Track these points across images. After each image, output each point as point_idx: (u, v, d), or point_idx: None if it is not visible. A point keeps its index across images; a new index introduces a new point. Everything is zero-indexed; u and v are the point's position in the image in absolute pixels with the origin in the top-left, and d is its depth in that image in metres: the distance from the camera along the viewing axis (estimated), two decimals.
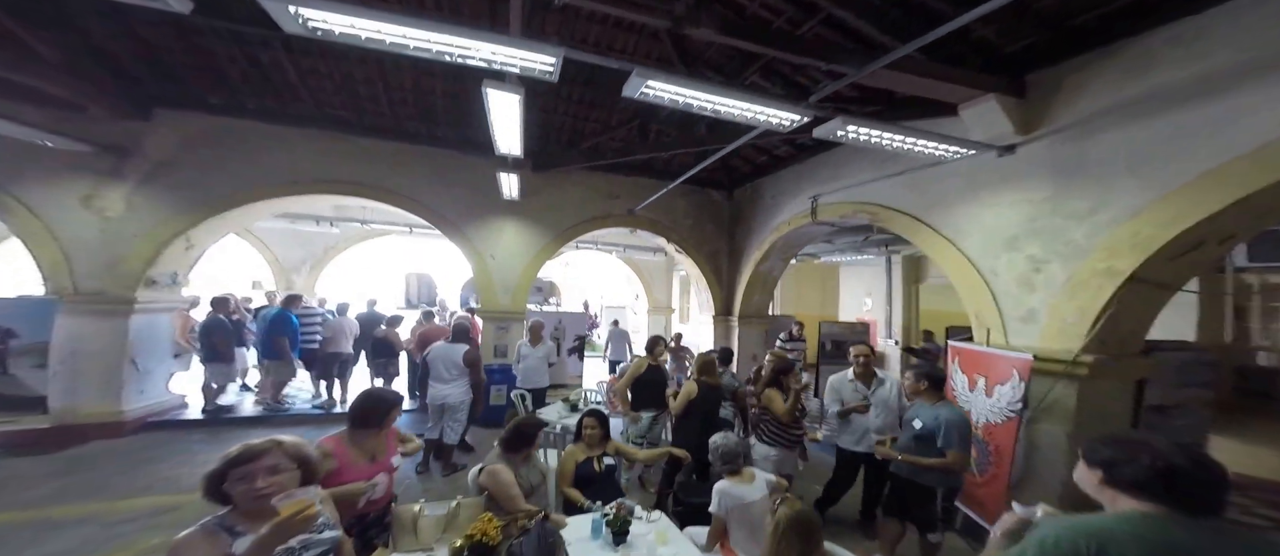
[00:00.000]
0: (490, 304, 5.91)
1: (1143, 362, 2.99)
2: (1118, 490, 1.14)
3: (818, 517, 1.66)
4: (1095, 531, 1.07)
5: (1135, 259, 2.54)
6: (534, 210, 5.99)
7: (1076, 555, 1.05)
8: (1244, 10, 2.19)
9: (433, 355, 3.98)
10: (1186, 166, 2.36)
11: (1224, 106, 2.25)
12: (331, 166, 5.28)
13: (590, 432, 2.59)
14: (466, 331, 4.17)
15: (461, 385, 3.95)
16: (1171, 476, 1.07)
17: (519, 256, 6.01)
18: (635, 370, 3.67)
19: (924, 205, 3.88)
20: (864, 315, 8.97)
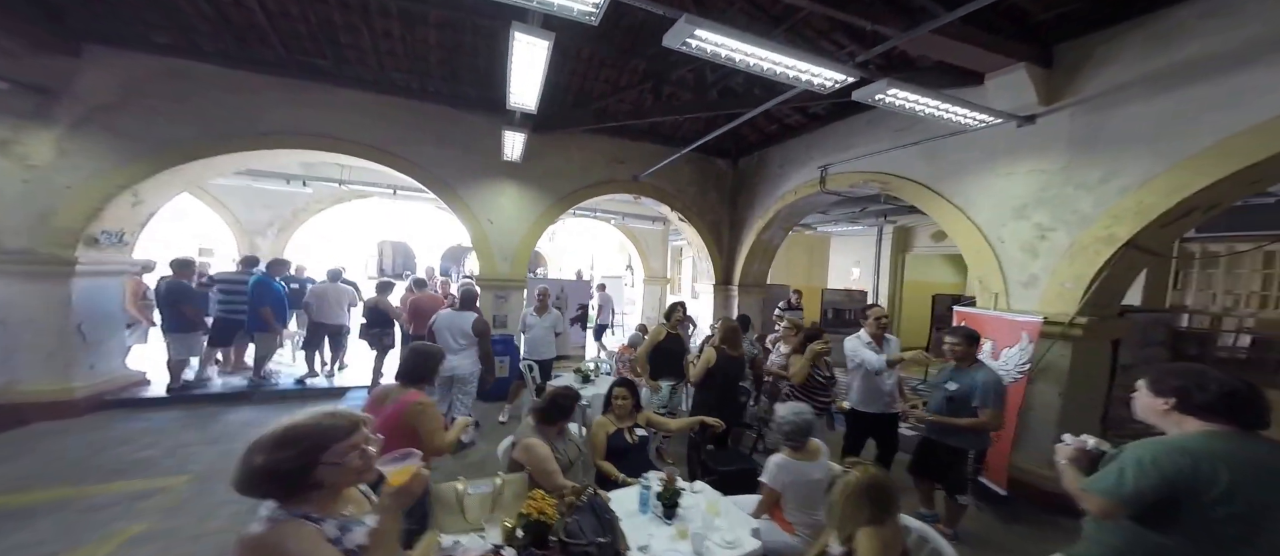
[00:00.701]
0: (489, 271, 5.70)
1: (1120, 324, 3.28)
2: (1187, 414, 1.33)
3: (893, 483, 1.49)
4: (1187, 449, 1.26)
5: (1135, 225, 2.74)
6: (536, 173, 5.81)
7: (1177, 470, 1.24)
8: None
9: (439, 324, 3.74)
10: (1198, 138, 2.52)
11: (1244, 79, 2.38)
12: (306, 119, 4.80)
13: (621, 403, 2.53)
14: (475, 298, 3.98)
15: (471, 356, 3.75)
16: (1234, 399, 1.27)
17: (519, 222, 5.85)
18: (654, 338, 3.69)
19: (937, 175, 4.00)
20: (851, 284, 9.31)
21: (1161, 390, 1.38)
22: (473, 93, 5.33)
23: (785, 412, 2.15)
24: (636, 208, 9.54)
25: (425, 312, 5.26)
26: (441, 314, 3.85)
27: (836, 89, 2.65)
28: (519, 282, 5.91)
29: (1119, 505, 1.31)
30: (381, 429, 1.58)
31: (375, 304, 5.49)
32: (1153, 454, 1.29)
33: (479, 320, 3.75)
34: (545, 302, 4.84)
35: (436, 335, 3.73)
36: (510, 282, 5.84)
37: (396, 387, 2.09)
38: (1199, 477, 1.23)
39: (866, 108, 4.74)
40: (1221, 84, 2.46)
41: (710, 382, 3.05)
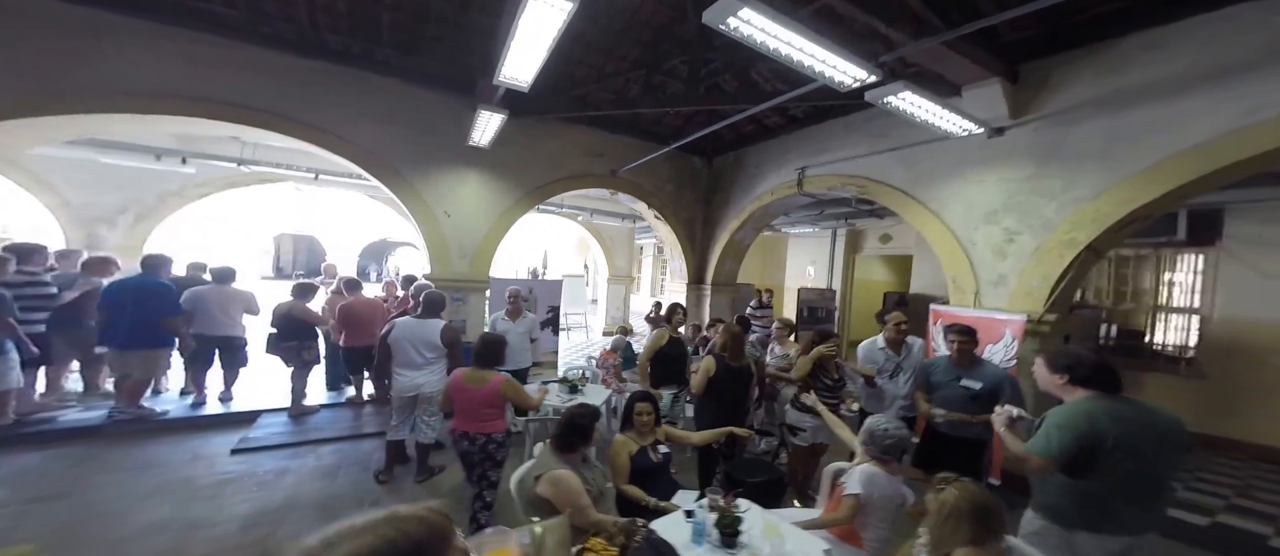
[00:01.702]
0: (443, 270, 5.08)
1: (1074, 319, 3.71)
2: (1076, 385, 1.81)
3: (999, 503, 1.38)
4: (1084, 412, 1.73)
5: (1093, 231, 3.08)
6: (503, 163, 5.36)
7: (1084, 429, 1.68)
8: (1206, 25, 2.67)
9: (398, 335, 3.19)
10: (1146, 154, 2.88)
11: (1181, 106, 2.76)
12: (197, 79, 3.83)
13: (644, 419, 2.31)
14: (441, 304, 3.38)
15: (439, 370, 3.24)
16: (1103, 372, 1.79)
17: (482, 215, 5.35)
18: (655, 342, 3.48)
19: (912, 180, 4.26)
20: (807, 282, 9.82)
21: (1057, 368, 1.86)
22: (433, 67, 4.80)
23: (884, 424, 2.01)
24: (606, 204, 9.32)
25: (362, 319, 4.68)
26: (400, 322, 3.30)
27: (852, 88, 2.69)
28: (480, 283, 5.44)
29: (1051, 462, 1.70)
30: (479, 405, 2.56)
31: (290, 311, 4.47)
32: (1064, 419, 1.73)
33: (448, 329, 3.29)
34: (519, 305, 4.39)
35: (394, 348, 3.19)
36: (470, 283, 5.33)
37: (475, 372, 2.62)
38: (1097, 432, 1.67)
39: (844, 112, 5.01)
40: (1162, 109, 2.83)
41: (712, 393, 2.89)
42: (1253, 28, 2.52)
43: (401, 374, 3.21)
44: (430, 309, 3.32)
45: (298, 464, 3.66)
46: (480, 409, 2.57)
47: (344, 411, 4.85)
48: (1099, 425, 1.68)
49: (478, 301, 5.50)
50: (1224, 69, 2.61)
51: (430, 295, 3.36)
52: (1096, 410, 1.72)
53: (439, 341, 3.23)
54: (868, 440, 2.02)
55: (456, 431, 2.60)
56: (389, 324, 3.35)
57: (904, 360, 3.11)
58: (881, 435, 1.99)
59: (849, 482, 1.96)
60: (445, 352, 3.27)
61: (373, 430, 4.35)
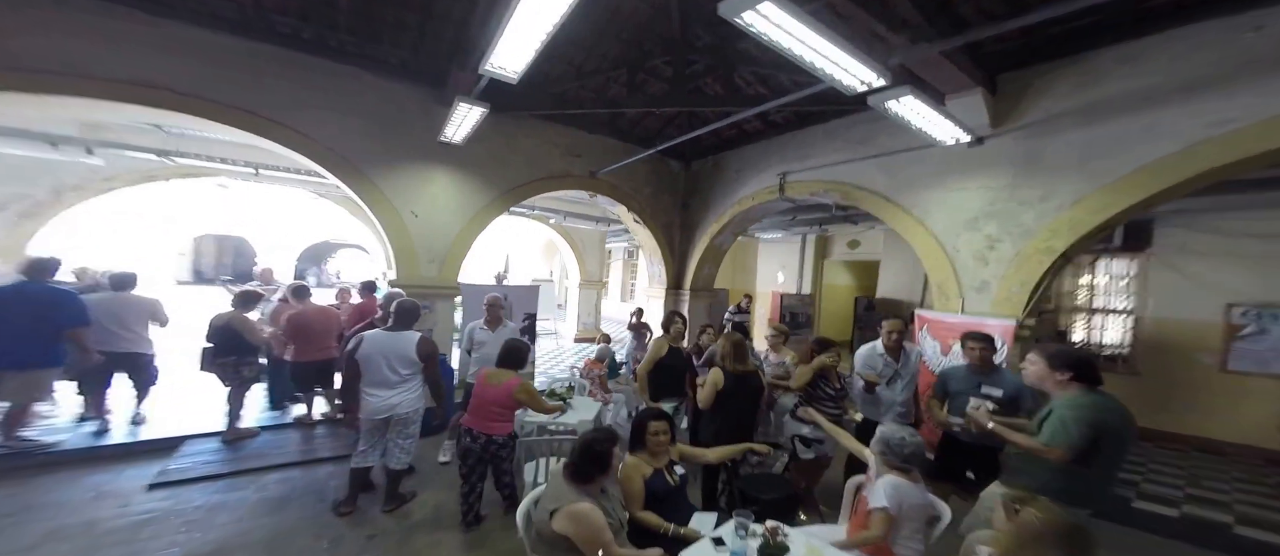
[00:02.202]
0: (409, 275, 4.64)
1: (1043, 321, 3.84)
2: (1075, 381, 2.01)
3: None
4: (1091, 405, 1.95)
5: (1070, 239, 3.18)
6: (476, 160, 4.98)
7: (1095, 420, 1.89)
8: (1176, 40, 2.81)
9: (369, 349, 2.79)
10: (1120, 164, 2.99)
11: (1153, 118, 2.88)
12: (112, 58, 3.27)
13: (659, 438, 2.11)
14: (416, 314, 2.98)
15: (414, 388, 2.90)
16: (1091, 367, 2.03)
17: (453, 216, 4.92)
18: (655, 353, 3.25)
19: (895, 186, 4.30)
20: (778, 287, 9.96)
21: (1059, 365, 2.04)
22: (398, 56, 4.36)
23: (899, 433, 1.92)
24: (579, 206, 8.99)
25: (315, 331, 4.20)
26: (370, 335, 2.89)
27: (857, 92, 2.60)
28: (450, 290, 4.99)
29: (1070, 450, 1.89)
30: (491, 403, 2.69)
31: (229, 322, 3.88)
32: (1077, 413, 1.92)
33: (425, 341, 2.92)
34: (498, 314, 4.03)
35: (364, 365, 2.81)
36: (439, 289, 4.87)
37: (499, 372, 2.81)
38: (1103, 423, 1.90)
39: (825, 118, 5.03)
40: (1135, 121, 2.96)
41: (719, 405, 2.70)
42: (1218, 45, 2.67)
43: (372, 394, 2.81)
44: (403, 319, 2.91)
45: (236, 497, 3.13)
46: (491, 407, 2.69)
47: (291, 434, 4.25)
48: (1103, 416, 1.92)
49: (446, 310, 5.02)
50: (1192, 83, 2.75)
51: (403, 304, 2.94)
52: (1098, 403, 1.96)
53: (414, 355, 2.85)
54: (886, 450, 1.92)
55: (463, 426, 2.77)
56: (356, 338, 2.90)
57: (902, 367, 3.06)
58: (899, 444, 1.90)
59: (874, 496, 1.84)
60: (421, 368, 2.89)
61: (329, 454, 3.84)
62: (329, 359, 4.35)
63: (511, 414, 2.80)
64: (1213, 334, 5.21)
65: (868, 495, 1.91)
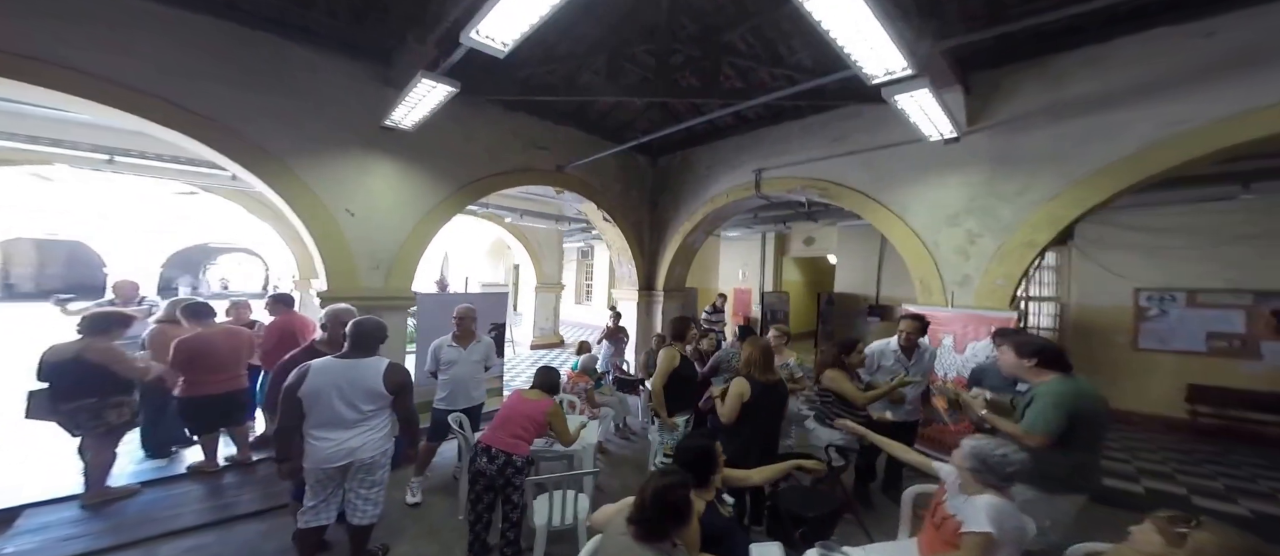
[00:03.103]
0: (345, 285, 3.86)
1: None
2: (1044, 368, 2.11)
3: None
4: (1069, 391, 2.02)
5: (1050, 233, 3.32)
6: (428, 151, 4.33)
7: (1070, 405, 1.96)
8: (1133, 45, 2.99)
9: (316, 384, 2.16)
10: (1090, 161, 3.15)
11: (1116, 117, 3.05)
12: None
13: None
14: (380, 335, 2.34)
15: (380, 425, 2.30)
16: (1060, 355, 2.13)
17: (400, 215, 4.22)
18: (668, 364, 2.91)
19: (875, 183, 4.32)
20: (739, 284, 10.05)
21: (1025, 353, 2.16)
22: (327, 25, 3.64)
23: (998, 449, 1.68)
24: (536, 203, 8.40)
25: (219, 357, 3.40)
26: (318, 366, 2.20)
27: (878, 81, 2.45)
28: (402, 301, 4.31)
29: (1048, 436, 1.97)
30: (525, 416, 2.53)
31: (82, 355, 2.92)
32: (1056, 399, 1.99)
33: (396, 370, 2.31)
34: (470, 327, 3.44)
35: (310, 403, 2.15)
36: (388, 301, 4.15)
37: (535, 390, 2.66)
38: (1080, 408, 1.98)
39: (800, 114, 4.98)
40: (1101, 119, 3.12)
41: (745, 420, 2.45)
42: (1173, 50, 2.86)
43: (322, 438, 2.17)
44: (364, 344, 2.28)
45: None
46: (520, 421, 2.49)
47: (188, 488, 3.39)
48: (1078, 401, 1.99)
49: (397, 324, 4.29)
50: (1149, 85, 2.94)
51: (363, 325, 2.30)
52: (1073, 389, 2.03)
53: (382, 387, 2.24)
54: (980, 467, 1.69)
55: (480, 443, 2.47)
56: (300, 369, 2.21)
57: (914, 365, 3.00)
58: (1001, 463, 1.66)
59: (970, 517, 1.63)
60: (390, 401, 2.30)
61: (252, 508, 3.08)
62: (235, 390, 3.57)
63: (534, 437, 2.56)
64: (1125, 317, 5.88)
65: (951, 511, 1.72)
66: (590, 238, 11.59)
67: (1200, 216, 5.44)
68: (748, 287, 9.74)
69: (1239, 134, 2.64)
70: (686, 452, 1.81)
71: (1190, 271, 5.60)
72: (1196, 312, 5.65)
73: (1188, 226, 5.53)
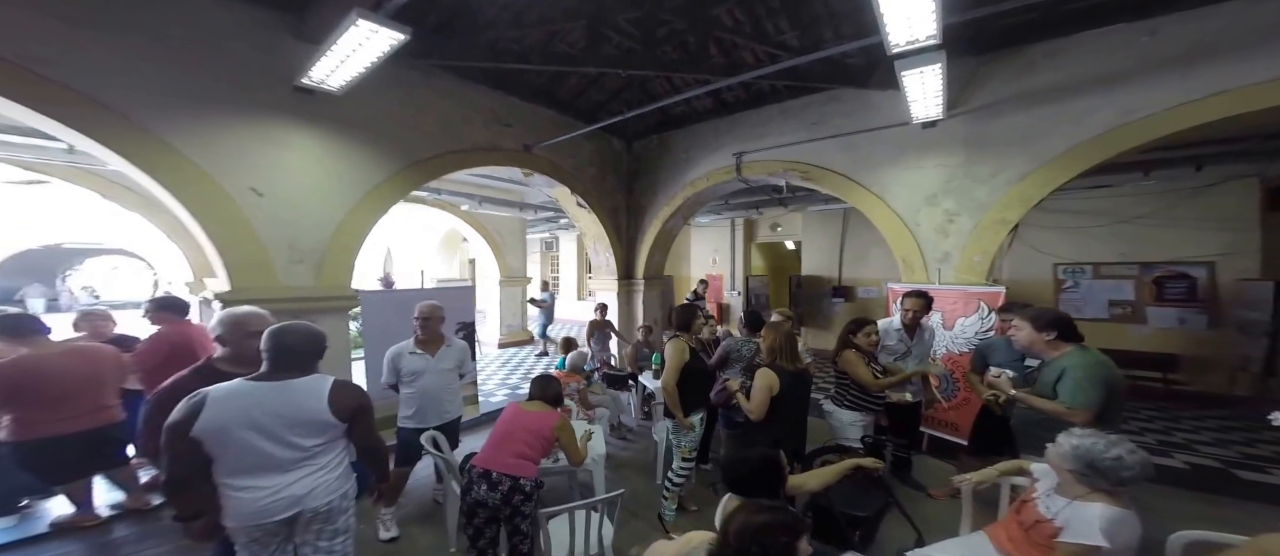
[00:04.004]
0: (260, 283, 3.17)
1: None
2: (1061, 341, 2.09)
3: None
4: (1095, 362, 2.01)
5: (1021, 211, 3.57)
6: (362, 121, 3.66)
7: (1104, 376, 1.95)
8: (1091, 39, 3.26)
9: (216, 419, 1.55)
10: (1057, 144, 3.41)
11: (1079, 105, 3.32)
12: None
13: None
14: (318, 347, 1.75)
15: (333, 463, 1.71)
16: (1073, 327, 2.10)
17: (329, 197, 3.50)
18: (679, 358, 2.62)
19: (855, 166, 4.44)
20: (711, 270, 10.14)
21: (1043, 326, 2.13)
22: None
23: (1110, 448, 1.48)
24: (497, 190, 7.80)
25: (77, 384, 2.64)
26: (220, 392, 1.59)
27: (900, 49, 2.42)
28: (340, 301, 3.61)
29: (1093, 411, 1.92)
30: (528, 431, 2.19)
31: None
32: (1089, 373, 1.97)
33: (345, 390, 1.73)
34: (437, 330, 2.91)
35: (215, 443, 1.55)
36: (321, 302, 3.45)
37: (536, 403, 2.33)
38: (1112, 379, 1.97)
39: (778, 98, 4.99)
40: (1065, 107, 3.39)
41: (774, 414, 2.32)
42: (1125, 45, 3.15)
43: (249, 487, 1.58)
44: (291, 358, 1.66)
45: None
46: (523, 437, 2.14)
47: (59, 550, 2.68)
48: (1108, 372, 1.97)
49: (337, 329, 3.62)
50: (1105, 76, 3.22)
51: (287, 335, 1.67)
52: (1097, 359, 2.01)
53: (328, 415, 1.64)
54: (1087, 471, 1.48)
55: (474, 467, 2.10)
56: (190, 400, 1.57)
57: (916, 344, 3.07)
58: (1114, 466, 1.45)
59: (1076, 526, 1.45)
60: (342, 431, 1.72)
61: None
62: (101, 427, 2.80)
63: (541, 456, 2.19)
64: (1048, 290, 6.65)
65: (1046, 513, 1.55)
66: (556, 228, 11.09)
67: (1105, 199, 6.25)
68: (719, 274, 9.84)
69: (1186, 120, 2.96)
70: (744, 466, 1.56)
71: (1096, 247, 6.45)
72: (1101, 283, 6.53)
73: (1095, 208, 6.34)
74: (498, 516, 2.03)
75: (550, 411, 2.30)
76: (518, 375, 7.08)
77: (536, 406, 2.31)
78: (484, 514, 2.03)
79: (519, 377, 6.93)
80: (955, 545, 1.87)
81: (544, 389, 2.37)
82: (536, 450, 2.15)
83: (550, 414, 2.27)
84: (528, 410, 2.28)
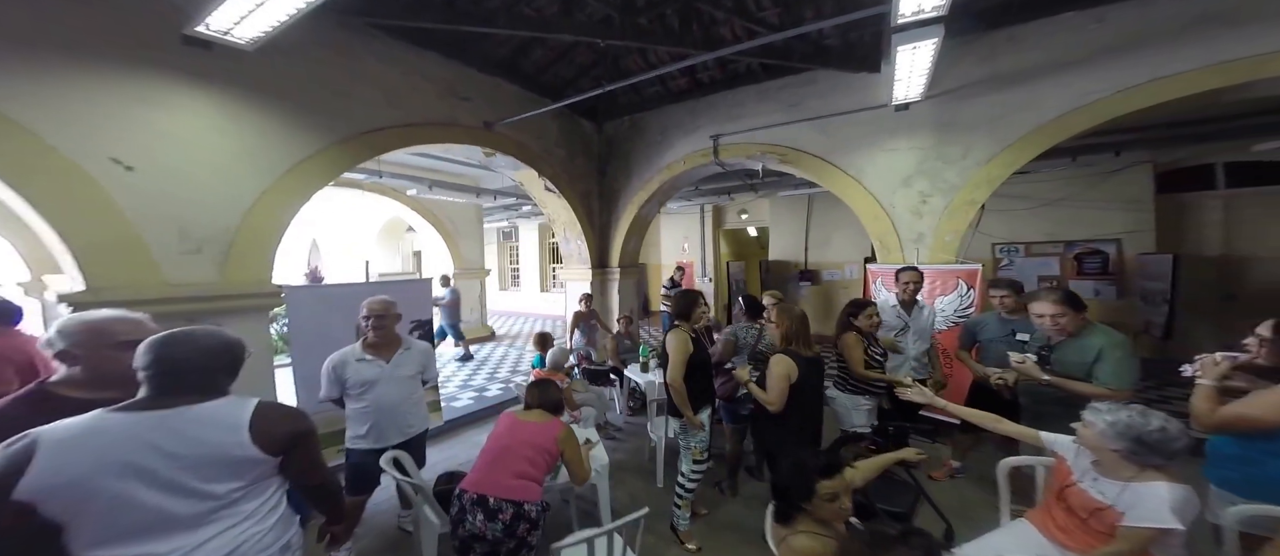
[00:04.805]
0: (134, 279, 2.56)
1: None
2: (1081, 316, 2.14)
3: None
4: (1119, 335, 2.08)
5: (988, 191, 3.75)
6: (281, 83, 3.07)
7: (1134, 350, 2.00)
8: (1048, 26, 3.44)
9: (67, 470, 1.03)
10: (1020, 126, 3.59)
11: (1038, 89, 3.51)
12: None
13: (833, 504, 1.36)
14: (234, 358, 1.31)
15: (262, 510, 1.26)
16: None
17: (238, 172, 2.91)
18: (683, 350, 2.33)
19: (831, 148, 4.47)
20: (682, 257, 10.09)
21: (1077, 307, 2.13)
22: None
23: (1153, 422, 1.42)
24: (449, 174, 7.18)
25: None
26: (69, 431, 1.08)
27: (906, 21, 2.36)
28: (259, 300, 3.03)
29: (1133, 390, 1.95)
30: (530, 445, 1.93)
31: None
32: (1125, 349, 2.02)
33: (270, 415, 1.26)
34: (390, 330, 2.47)
35: (68, 503, 1.04)
36: (230, 301, 2.88)
37: (536, 412, 2.09)
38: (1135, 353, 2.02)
39: (755, 79, 4.91)
40: (1026, 91, 3.57)
41: (793, 405, 2.19)
42: (1077, 32, 3.36)
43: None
44: (192, 376, 1.22)
45: None
46: (525, 453, 1.89)
47: None
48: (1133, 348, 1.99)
49: (255, 333, 2.96)
50: (1061, 63, 3.42)
51: (187, 342, 1.23)
52: (1123, 335, 2.01)
53: (250, 448, 1.20)
54: (1137, 449, 1.41)
55: (468, 496, 1.79)
56: (12, 447, 1.04)
57: (913, 321, 3.11)
58: (1162, 439, 1.40)
59: (1140, 508, 1.37)
60: (274, 466, 1.28)
61: None
62: None
63: (546, 474, 1.93)
64: (988, 267, 7.21)
65: (1100, 497, 1.48)
66: (516, 216, 10.48)
67: (1033, 184, 6.85)
68: (690, 261, 9.80)
69: (1131, 104, 3.21)
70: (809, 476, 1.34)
71: (1028, 227, 7.08)
72: (1032, 261, 7.21)
73: (1027, 192, 6.94)
74: (498, 550, 1.74)
75: (551, 420, 2.04)
76: (481, 375, 6.62)
77: (537, 417, 2.04)
78: (481, 549, 1.73)
79: (483, 377, 6.48)
80: (1003, 535, 1.79)
81: (543, 395, 2.10)
82: (540, 467, 1.89)
83: (552, 423, 2.02)
84: (526, 420, 2.02)
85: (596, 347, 5.18)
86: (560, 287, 12.24)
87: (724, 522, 2.79)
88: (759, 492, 3.07)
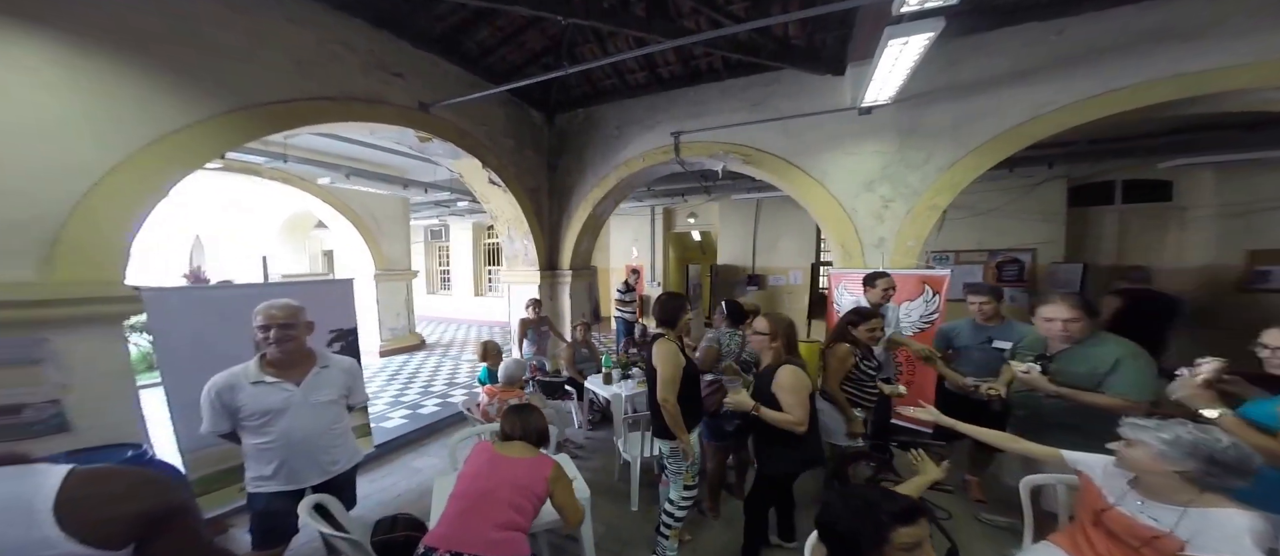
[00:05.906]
0: None
1: None
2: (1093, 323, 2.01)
3: None
4: (1132, 344, 1.93)
5: (950, 196, 3.75)
6: (138, 32, 2.38)
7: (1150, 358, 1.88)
8: (1010, 35, 3.48)
9: None
10: (982, 132, 3.61)
11: (1000, 96, 3.54)
12: None
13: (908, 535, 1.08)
14: None
15: None
16: None
17: (74, 141, 2.20)
18: (675, 363, 2.02)
19: (795, 150, 4.32)
20: (632, 261, 9.73)
21: (1092, 313, 2.02)
22: None
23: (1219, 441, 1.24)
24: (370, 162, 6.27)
25: None
26: None
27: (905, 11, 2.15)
28: (105, 305, 2.31)
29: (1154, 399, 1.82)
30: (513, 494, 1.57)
31: None
32: (1144, 358, 1.90)
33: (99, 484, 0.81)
34: (300, 343, 1.91)
35: None
36: (57, 309, 2.13)
37: (517, 445, 1.74)
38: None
39: (717, 77, 4.67)
40: (989, 98, 3.60)
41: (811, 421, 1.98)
42: (1038, 42, 3.42)
43: None
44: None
45: None
46: (508, 502, 1.52)
47: None
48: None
49: (103, 350, 2.31)
50: (1023, 71, 3.48)
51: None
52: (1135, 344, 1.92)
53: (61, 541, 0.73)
54: (1209, 469, 1.23)
55: (428, 548, 1.46)
56: None
57: (890, 324, 2.96)
58: (1238, 458, 1.21)
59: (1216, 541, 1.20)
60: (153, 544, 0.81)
61: None
62: None
63: (533, 519, 1.60)
64: None
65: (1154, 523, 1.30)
66: (447, 213, 9.54)
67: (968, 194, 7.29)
68: (639, 264, 9.46)
69: (1088, 114, 3.30)
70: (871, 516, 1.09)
71: (958, 236, 7.54)
72: (960, 268, 7.69)
73: (963, 202, 7.35)
74: None
75: (539, 456, 1.71)
76: (415, 389, 5.80)
77: (518, 449, 1.71)
78: None
79: (416, 391, 5.67)
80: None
81: (526, 423, 1.75)
82: (527, 514, 1.57)
83: (541, 460, 1.68)
84: (507, 454, 1.67)
85: (548, 357, 4.66)
86: (498, 291, 11.46)
87: (710, 548, 2.52)
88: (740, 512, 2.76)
